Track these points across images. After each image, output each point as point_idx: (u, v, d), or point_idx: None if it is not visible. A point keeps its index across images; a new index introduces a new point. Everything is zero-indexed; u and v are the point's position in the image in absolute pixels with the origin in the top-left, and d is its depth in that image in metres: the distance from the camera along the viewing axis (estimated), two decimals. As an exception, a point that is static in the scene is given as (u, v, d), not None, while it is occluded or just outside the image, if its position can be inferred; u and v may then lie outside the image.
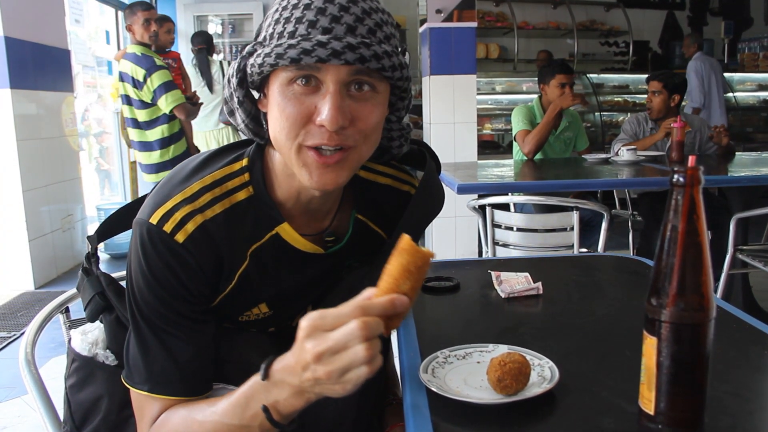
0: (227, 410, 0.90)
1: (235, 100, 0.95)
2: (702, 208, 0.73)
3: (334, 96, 0.86)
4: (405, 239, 0.77)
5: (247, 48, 0.92)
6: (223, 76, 5.79)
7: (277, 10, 0.90)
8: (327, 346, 0.75)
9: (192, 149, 4.45)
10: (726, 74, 7.36)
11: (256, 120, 0.98)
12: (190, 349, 0.98)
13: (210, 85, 5.86)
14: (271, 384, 0.84)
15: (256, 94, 0.97)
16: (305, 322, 0.77)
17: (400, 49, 0.92)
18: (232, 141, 5.10)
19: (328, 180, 0.91)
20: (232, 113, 0.99)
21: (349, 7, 0.86)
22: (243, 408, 0.88)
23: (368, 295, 0.79)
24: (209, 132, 5.95)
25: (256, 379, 0.86)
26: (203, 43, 5.94)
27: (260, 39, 0.92)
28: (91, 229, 5.52)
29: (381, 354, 0.78)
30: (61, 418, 1.15)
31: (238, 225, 0.98)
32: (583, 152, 4.08)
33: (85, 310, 1.13)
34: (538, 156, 3.86)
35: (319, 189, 0.93)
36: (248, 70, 0.92)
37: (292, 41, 0.85)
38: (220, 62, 6.03)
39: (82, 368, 1.12)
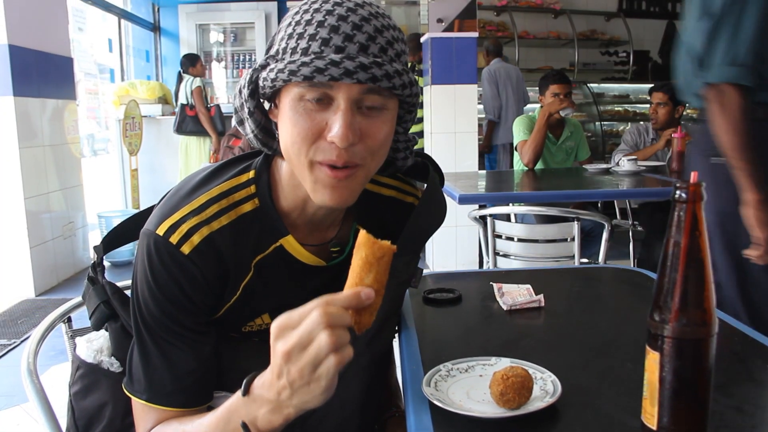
0: (212, 424, 0.91)
1: (246, 110, 0.96)
2: (704, 223, 0.73)
3: (345, 113, 0.87)
4: (361, 234, 0.78)
5: (260, 61, 0.93)
6: (191, 92, 6.59)
7: (290, 24, 0.91)
8: (293, 341, 0.76)
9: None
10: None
11: (266, 130, 0.98)
12: (191, 361, 0.98)
13: (174, 98, 6.94)
14: (251, 400, 0.85)
15: (266, 104, 0.98)
16: (275, 324, 0.78)
17: (409, 65, 0.93)
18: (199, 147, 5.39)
19: (338, 196, 0.92)
20: (241, 122, 1.00)
21: (362, 25, 0.87)
22: (226, 422, 0.89)
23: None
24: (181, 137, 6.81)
25: (238, 394, 0.86)
26: (182, 63, 6.85)
27: (272, 52, 0.93)
28: (92, 236, 5.52)
29: (351, 345, 0.78)
30: (63, 427, 1.16)
31: (243, 237, 0.99)
32: (584, 162, 4.08)
33: (90, 319, 1.14)
34: (539, 166, 3.86)
35: (331, 205, 0.94)
36: (260, 83, 0.93)
37: (306, 59, 0.86)
38: (192, 81, 6.65)
39: (86, 375, 1.13)
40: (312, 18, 0.88)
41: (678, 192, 0.73)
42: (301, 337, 0.75)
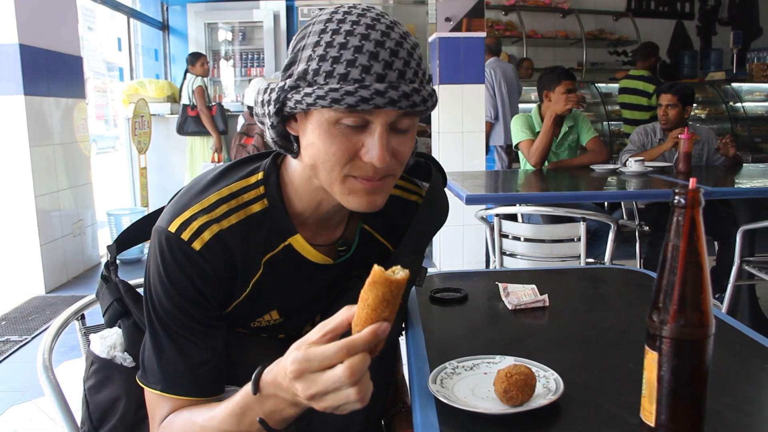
0: (225, 418, 0.93)
1: (269, 122, 0.97)
2: (702, 228, 0.75)
3: (382, 137, 0.90)
4: (376, 271, 0.77)
5: (288, 82, 0.92)
6: (192, 91, 6.65)
7: (318, 44, 0.90)
8: (317, 390, 0.78)
9: None
10: (734, 84, 7.36)
11: (286, 137, 1.00)
12: (203, 353, 1.01)
13: (178, 98, 7.01)
14: (264, 397, 0.87)
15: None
16: (292, 365, 0.79)
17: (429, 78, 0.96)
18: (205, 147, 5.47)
19: (372, 202, 0.96)
20: (262, 123, 1.02)
21: (398, 51, 0.89)
22: (240, 417, 0.91)
23: (345, 317, 0.79)
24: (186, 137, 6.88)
25: (249, 390, 0.88)
26: (186, 61, 6.90)
27: (299, 71, 0.91)
28: (102, 234, 5.56)
29: (373, 380, 0.80)
30: (78, 421, 1.19)
31: (252, 235, 1.02)
32: (591, 143, 3.93)
33: (103, 316, 1.17)
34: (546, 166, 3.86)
35: (365, 211, 0.97)
36: (289, 103, 0.92)
37: (349, 87, 0.86)
38: (193, 80, 6.72)
39: (100, 370, 1.16)
40: (346, 41, 0.88)
41: (677, 198, 0.75)
42: (326, 388, 0.78)
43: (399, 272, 0.78)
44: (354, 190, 0.95)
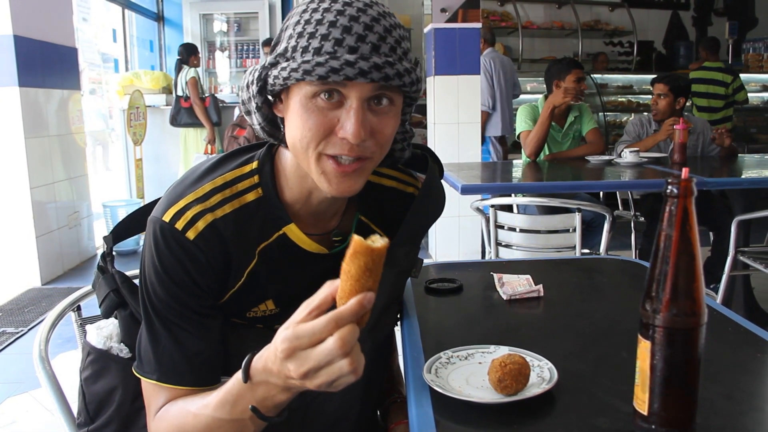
0: (217, 406, 0.93)
1: (254, 105, 0.99)
2: (694, 218, 0.75)
3: (358, 111, 0.90)
4: (357, 242, 0.77)
5: (269, 59, 0.95)
6: (186, 83, 6.64)
7: (298, 22, 0.92)
8: (310, 366, 0.78)
9: None
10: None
11: (273, 122, 1.01)
12: (199, 342, 1.02)
13: (173, 89, 6.97)
14: (255, 384, 0.88)
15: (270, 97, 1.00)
16: (282, 344, 0.79)
17: (414, 62, 0.96)
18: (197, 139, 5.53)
19: (346, 187, 0.96)
20: (248, 113, 1.03)
21: (373, 26, 0.90)
22: (232, 405, 0.92)
23: (329, 292, 0.80)
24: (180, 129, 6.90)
25: (239, 379, 0.89)
26: (180, 53, 6.88)
27: (280, 50, 0.94)
28: (98, 226, 5.56)
29: (364, 353, 0.80)
30: (75, 412, 1.19)
31: (246, 225, 1.02)
32: (590, 134, 3.94)
33: (100, 307, 1.17)
34: (541, 158, 3.86)
35: (337, 195, 0.97)
36: (270, 80, 0.95)
37: (320, 59, 0.88)
38: (187, 72, 6.71)
39: (97, 361, 1.16)
40: (323, 18, 0.90)
41: (669, 187, 0.76)
42: (319, 363, 0.78)
43: (378, 240, 0.78)
44: (326, 172, 0.95)
